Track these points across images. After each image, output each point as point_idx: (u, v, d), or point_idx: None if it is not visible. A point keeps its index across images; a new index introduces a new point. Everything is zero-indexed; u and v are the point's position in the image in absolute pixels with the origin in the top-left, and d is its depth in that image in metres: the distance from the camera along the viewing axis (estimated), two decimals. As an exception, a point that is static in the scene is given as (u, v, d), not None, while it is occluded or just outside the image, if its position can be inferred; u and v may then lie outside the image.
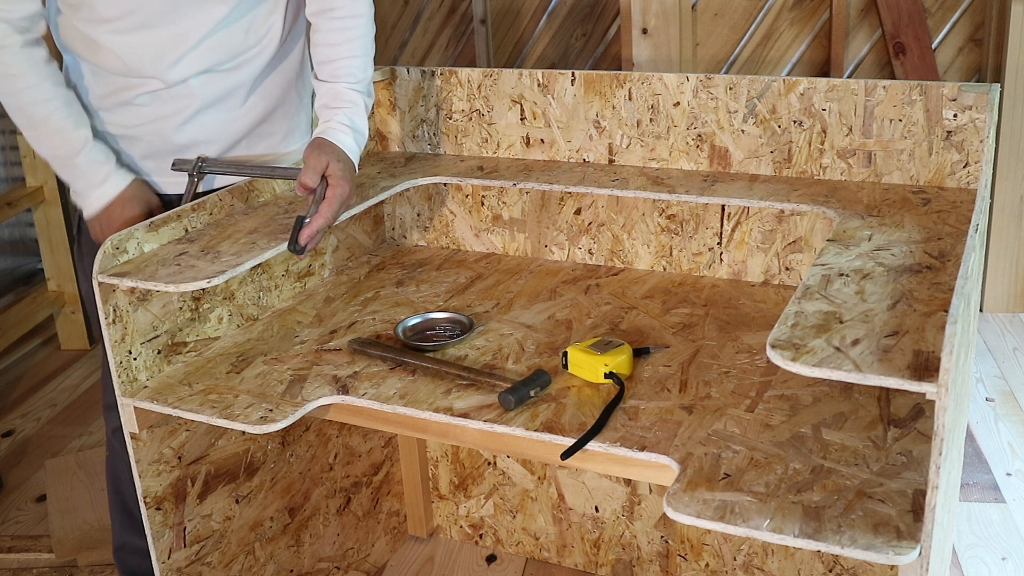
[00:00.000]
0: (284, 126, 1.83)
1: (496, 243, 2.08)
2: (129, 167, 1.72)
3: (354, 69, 1.75)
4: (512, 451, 1.46)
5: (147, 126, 1.71)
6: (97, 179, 1.67)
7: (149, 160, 1.74)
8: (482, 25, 3.73)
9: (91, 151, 1.66)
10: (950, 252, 1.44)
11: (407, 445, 2.24)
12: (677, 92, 1.86)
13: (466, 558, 2.29)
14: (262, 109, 1.78)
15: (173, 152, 1.73)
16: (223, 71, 1.70)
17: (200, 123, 1.72)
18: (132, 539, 1.91)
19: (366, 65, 1.77)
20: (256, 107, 1.77)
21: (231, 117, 1.75)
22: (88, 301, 1.85)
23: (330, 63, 1.74)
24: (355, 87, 1.74)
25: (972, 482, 2.45)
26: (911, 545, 1.10)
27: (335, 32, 1.74)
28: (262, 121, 1.79)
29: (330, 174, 1.61)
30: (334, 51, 1.74)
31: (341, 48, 1.74)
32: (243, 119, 1.76)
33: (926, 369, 1.08)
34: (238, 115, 1.75)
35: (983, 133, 1.68)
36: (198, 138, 1.73)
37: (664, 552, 2.09)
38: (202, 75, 1.69)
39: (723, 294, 1.82)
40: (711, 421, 1.37)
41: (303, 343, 1.68)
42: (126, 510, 1.91)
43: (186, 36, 1.65)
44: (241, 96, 1.74)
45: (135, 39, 1.64)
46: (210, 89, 1.70)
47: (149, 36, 1.64)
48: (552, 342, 1.64)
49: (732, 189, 1.77)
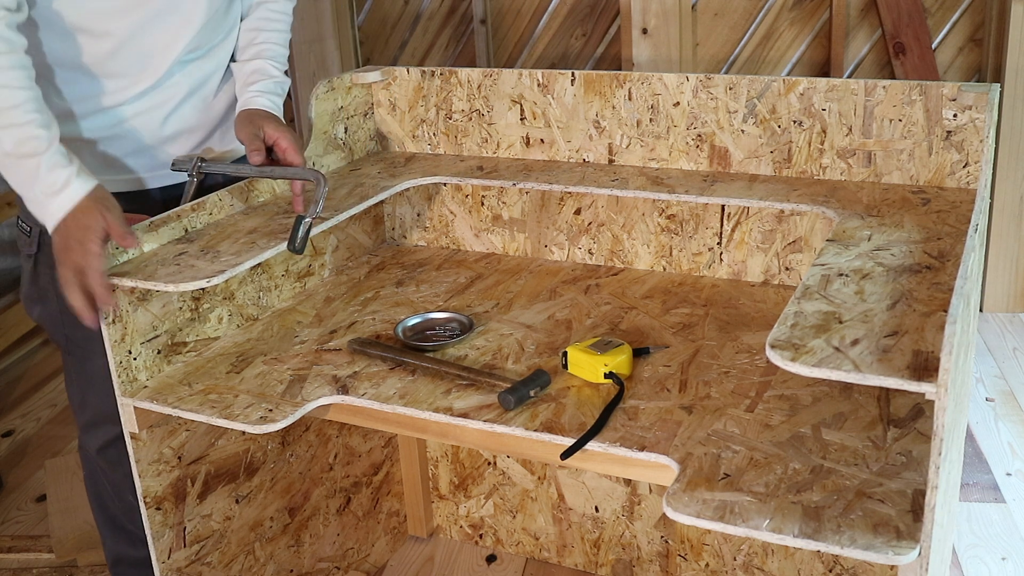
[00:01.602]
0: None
1: (496, 243, 2.08)
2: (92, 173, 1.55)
3: (274, 53, 1.85)
4: (512, 451, 1.46)
5: (133, 121, 1.70)
6: (56, 185, 1.49)
7: (134, 157, 1.73)
8: (482, 25, 3.73)
9: (54, 153, 1.51)
10: (950, 252, 1.44)
11: (407, 445, 2.24)
12: (677, 92, 1.86)
13: (466, 558, 2.29)
14: (232, 94, 1.83)
15: (159, 145, 1.74)
16: (199, 59, 1.75)
17: (182, 114, 1.75)
18: (127, 551, 1.90)
19: (284, 52, 1.88)
20: (227, 93, 1.82)
21: (207, 105, 1.79)
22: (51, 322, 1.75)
23: (254, 45, 1.84)
24: (274, 64, 1.84)
25: (972, 482, 2.45)
26: (911, 545, 1.10)
27: (263, 21, 1.85)
28: (232, 106, 1.83)
29: (269, 132, 1.70)
30: (259, 36, 1.84)
31: (264, 35, 1.85)
32: (216, 106, 1.81)
33: (926, 369, 1.08)
34: (213, 102, 1.80)
35: (983, 133, 1.68)
36: (182, 128, 1.76)
37: (664, 552, 2.09)
38: (184, 65, 1.72)
39: (723, 294, 1.82)
40: (711, 421, 1.37)
41: (303, 343, 1.68)
42: (116, 525, 1.89)
43: (188, 25, 1.67)
44: (215, 83, 1.79)
45: (146, 31, 1.65)
46: (191, 79, 1.74)
47: (160, 25, 1.65)
48: (552, 342, 1.64)
49: (732, 189, 1.77)
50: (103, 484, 1.86)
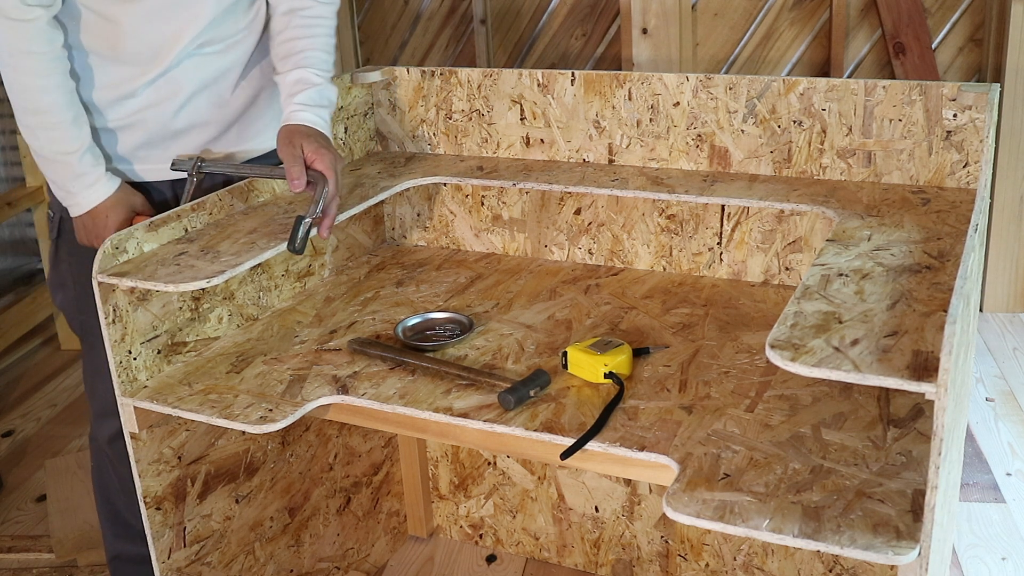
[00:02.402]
0: (270, 111, 1.85)
1: (496, 243, 2.08)
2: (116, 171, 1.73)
3: (317, 60, 1.76)
4: (512, 451, 1.46)
5: (147, 112, 1.72)
6: (89, 180, 1.66)
7: (144, 148, 1.75)
8: (482, 25, 3.73)
9: (87, 152, 1.65)
10: (950, 252, 1.44)
11: (407, 445, 2.24)
12: (677, 92, 1.86)
13: (466, 558, 2.29)
14: (251, 92, 1.81)
15: (171, 137, 1.74)
16: (214, 54, 1.73)
17: (195, 106, 1.74)
18: (126, 547, 1.90)
19: (329, 58, 1.80)
20: (246, 90, 1.80)
21: (223, 100, 1.77)
22: (69, 308, 1.82)
23: (295, 55, 1.76)
24: (317, 72, 1.76)
25: (972, 482, 2.45)
26: (911, 545, 1.10)
27: (300, 28, 1.76)
28: (250, 105, 1.81)
29: (308, 154, 1.62)
30: (298, 44, 1.76)
31: (304, 42, 1.76)
32: (234, 102, 1.79)
33: (925, 369, 1.08)
34: (230, 99, 1.78)
35: (983, 133, 1.68)
36: (195, 121, 1.75)
37: (664, 552, 2.09)
38: (194, 58, 1.71)
39: (723, 294, 1.82)
40: (711, 421, 1.37)
41: (303, 343, 1.68)
42: (119, 520, 1.90)
43: (196, 19, 1.67)
44: (232, 79, 1.77)
45: (154, 21, 1.65)
46: (202, 72, 1.72)
47: (168, 16, 1.65)
48: (552, 342, 1.64)
49: (732, 189, 1.77)
50: (110, 477, 1.87)
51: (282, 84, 1.76)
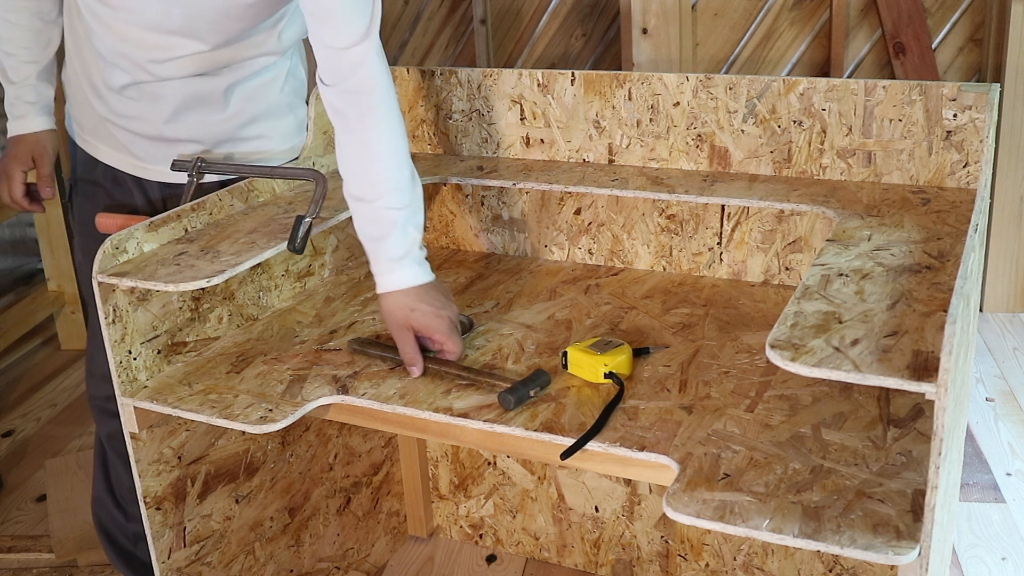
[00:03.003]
0: (272, 129, 1.83)
1: (496, 243, 2.08)
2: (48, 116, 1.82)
3: (387, 185, 1.47)
4: (512, 451, 1.46)
5: (140, 117, 1.73)
6: (16, 112, 1.80)
7: (145, 141, 1.75)
8: (482, 25, 3.73)
9: (21, 87, 1.76)
10: (950, 252, 1.44)
11: (407, 445, 2.24)
12: (677, 92, 1.86)
13: (466, 558, 2.29)
14: (247, 113, 1.78)
15: (168, 141, 1.74)
16: (200, 76, 1.70)
17: (184, 122, 1.73)
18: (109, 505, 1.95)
19: (400, 167, 1.48)
20: (241, 111, 1.77)
21: (213, 120, 1.75)
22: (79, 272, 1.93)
23: (359, 175, 1.49)
24: (393, 206, 1.47)
25: (972, 482, 2.45)
26: (911, 545, 1.10)
27: (361, 144, 1.47)
28: (248, 123, 1.79)
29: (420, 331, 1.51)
30: (367, 168, 1.48)
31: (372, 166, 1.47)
32: (228, 121, 1.76)
33: (925, 369, 1.08)
34: (221, 118, 1.76)
35: (983, 133, 1.68)
36: (184, 136, 1.75)
37: (664, 552, 2.09)
38: (181, 79, 1.69)
39: (723, 294, 1.82)
40: (711, 421, 1.37)
41: (303, 343, 1.68)
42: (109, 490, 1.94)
43: (195, 44, 1.65)
44: (219, 100, 1.73)
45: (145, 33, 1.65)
46: (185, 91, 1.70)
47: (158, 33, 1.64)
48: (552, 342, 1.64)
49: (732, 189, 1.77)
50: (117, 461, 1.89)
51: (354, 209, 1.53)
